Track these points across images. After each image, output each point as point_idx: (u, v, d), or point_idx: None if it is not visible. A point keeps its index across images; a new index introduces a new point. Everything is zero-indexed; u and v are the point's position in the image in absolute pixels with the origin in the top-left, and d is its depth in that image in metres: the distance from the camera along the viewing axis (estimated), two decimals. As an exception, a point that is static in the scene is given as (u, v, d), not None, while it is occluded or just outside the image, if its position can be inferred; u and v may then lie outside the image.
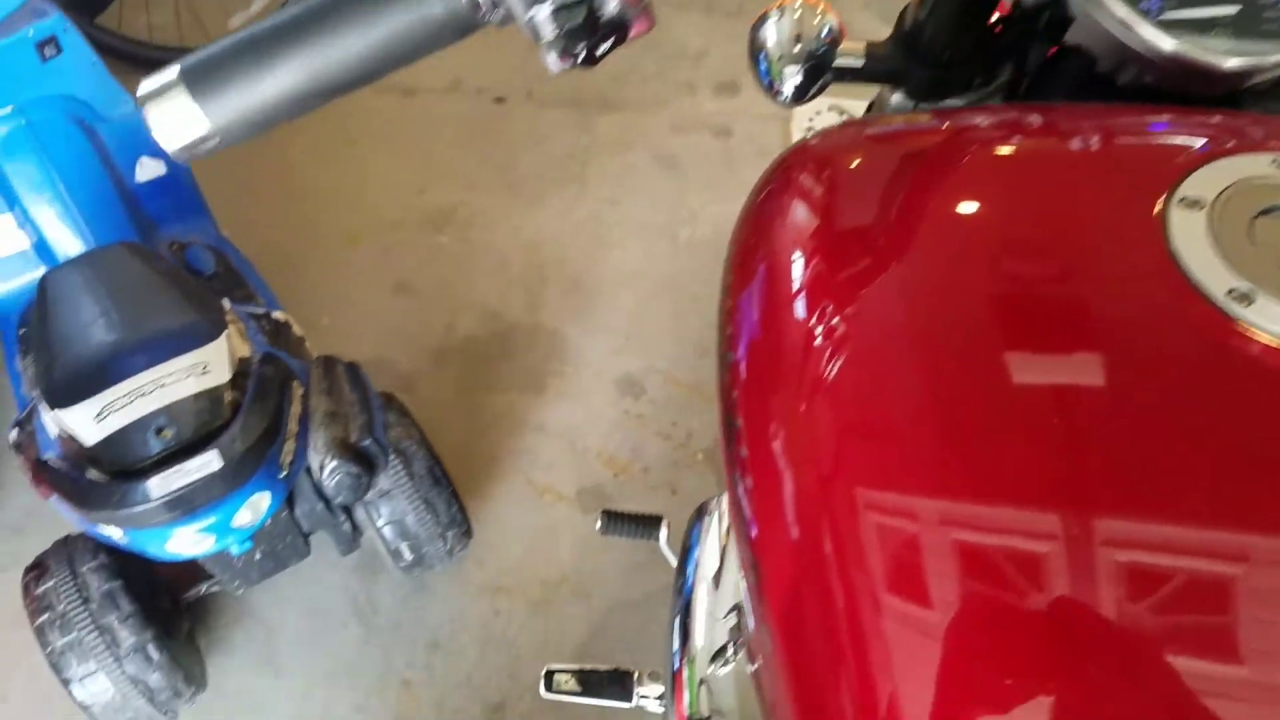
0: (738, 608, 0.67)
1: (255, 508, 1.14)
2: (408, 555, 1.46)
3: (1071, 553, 0.42)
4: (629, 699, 1.12)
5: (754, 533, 0.52)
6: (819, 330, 0.53)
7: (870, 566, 0.44)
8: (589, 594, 1.59)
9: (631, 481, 1.71)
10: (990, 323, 0.50)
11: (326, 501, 1.43)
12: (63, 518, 1.21)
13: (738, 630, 0.67)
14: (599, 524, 1.11)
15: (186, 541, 1.12)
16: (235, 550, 1.20)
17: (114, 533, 1.13)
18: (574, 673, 1.16)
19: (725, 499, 0.81)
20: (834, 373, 0.51)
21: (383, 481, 1.40)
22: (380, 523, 1.42)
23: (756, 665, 0.65)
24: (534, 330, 1.87)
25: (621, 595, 1.59)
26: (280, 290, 1.56)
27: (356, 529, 1.49)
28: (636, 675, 1.13)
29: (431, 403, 1.77)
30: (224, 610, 1.59)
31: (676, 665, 0.71)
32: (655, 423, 1.75)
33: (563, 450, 1.73)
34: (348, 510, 1.46)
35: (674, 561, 1.08)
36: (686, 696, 0.68)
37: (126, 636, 1.29)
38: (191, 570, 1.49)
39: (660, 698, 1.13)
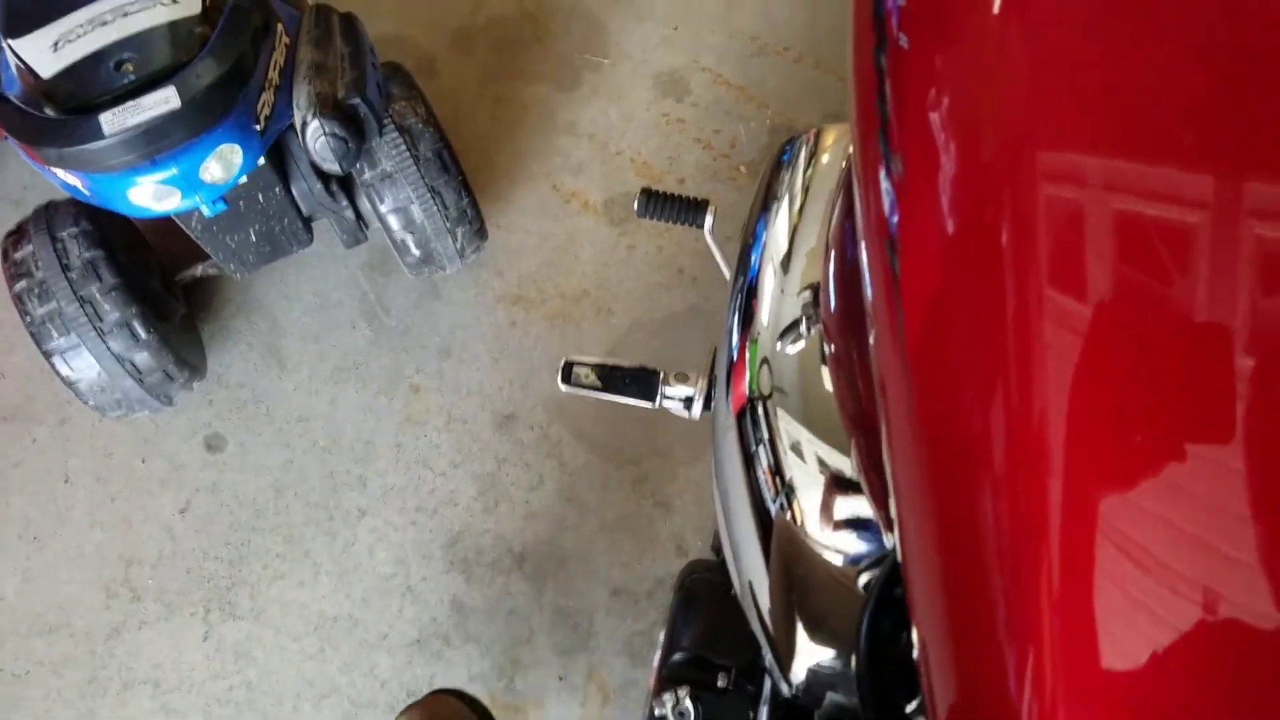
0: (813, 287, 0.57)
1: (225, 161, 0.99)
2: (414, 250, 1.33)
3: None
4: (653, 399, 1.02)
5: (899, 215, 0.41)
6: None
7: (1060, 250, 0.35)
8: (610, 310, 1.46)
9: (669, 194, 1.53)
10: None
11: (326, 182, 1.28)
12: (42, 176, 1.08)
13: (813, 307, 0.57)
14: (636, 205, 0.96)
15: (150, 194, 0.98)
16: (207, 211, 1.06)
17: (75, 181, 0.99)
18: (595, 367, 1.04)
19: (793, 181, 0.66)
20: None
21: (384, 163, 1.24)
22: (383, 209, 1.27)
23: (834, 348, 0.53)
24: (570, 13, 1.64)
25: (643, 314, 1.46)
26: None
27: (361, 218, 1.35)
28: (663, 375, 1.02)
29: (454, 91, 1.58)
30: (228, 301, 1.49)
31: (736, 347, 0.60)
32: (696, 128, 1.55)
33: (593, 154, 1.55)
34: (350, 195, 1.32)
35: (717, 251, 0.94)
36: (747, 375, 0.58)
37: (110, 310, 1.19)
38: (186, 251, 1.38)
39: (686, 400, 1.03)
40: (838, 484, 0.53)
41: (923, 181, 0.40)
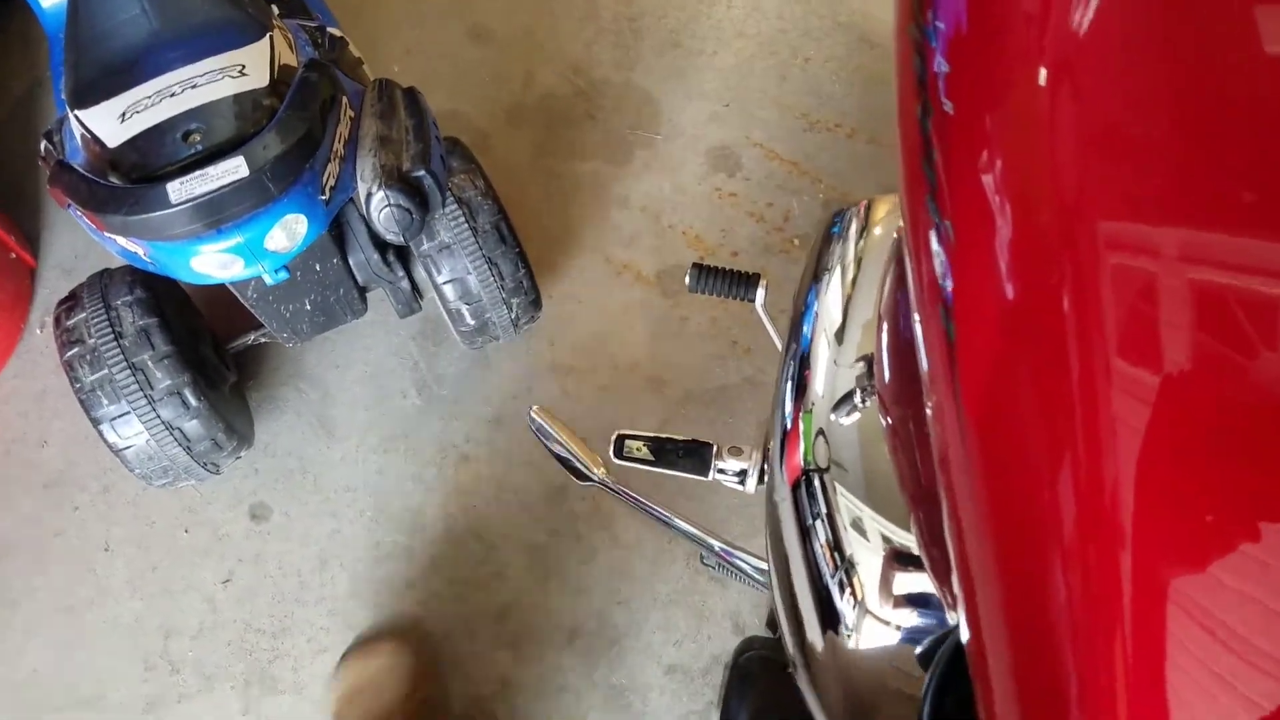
0: (867, 359, 0.56)
1: (290, 231, 0.99)
2: (469, 320, 1.32)
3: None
4: (705, 472, 1.01)
5: (952, 280, 0.41)
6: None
7: (1121, 326, 0.33)
8: (662, 382, 1.45)
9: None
10: None
11: (383, 252, 1.28)
12: (98, 243, 1.08)
13: (867, 379, 0.56)
14: (688, 279, 0.96)
15: (213, 262, 0.98)
16: (269, 279, 1.06)
17: (137, 249, 0.99)
18: (647, 440, 1.05)
19: (844, 252, 0.66)
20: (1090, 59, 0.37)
21: (443, 234, 1.24)
22: (440, 280, 1.27)
23: (890, 420, 0.53)
24: (622, 90, 1.65)
25: (696, 386, 1.44)
26: (348, 34, 1.37)
27: (416, 288, 1.35)
28: (716, 448, 1.02)
29: (506, 165, 1.59)
30: (278, 369, 1.49)
31: (789, 418, 0.59)
32: (749, 202, 1.55)
33: (646, 226, 1.55)
34: (406, 265, 1.32)
35: (769, 325, 0.94)
36: (802, 447, 0.57)
37: (161, 378, 1.19)
38: (238, 319, 1.38)
39: (739, 474, 1.01)
40: (899, 559, 0.51)
41: (976, 247, 0.39)
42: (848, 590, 0.52)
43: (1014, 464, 0.37)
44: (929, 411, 0.44)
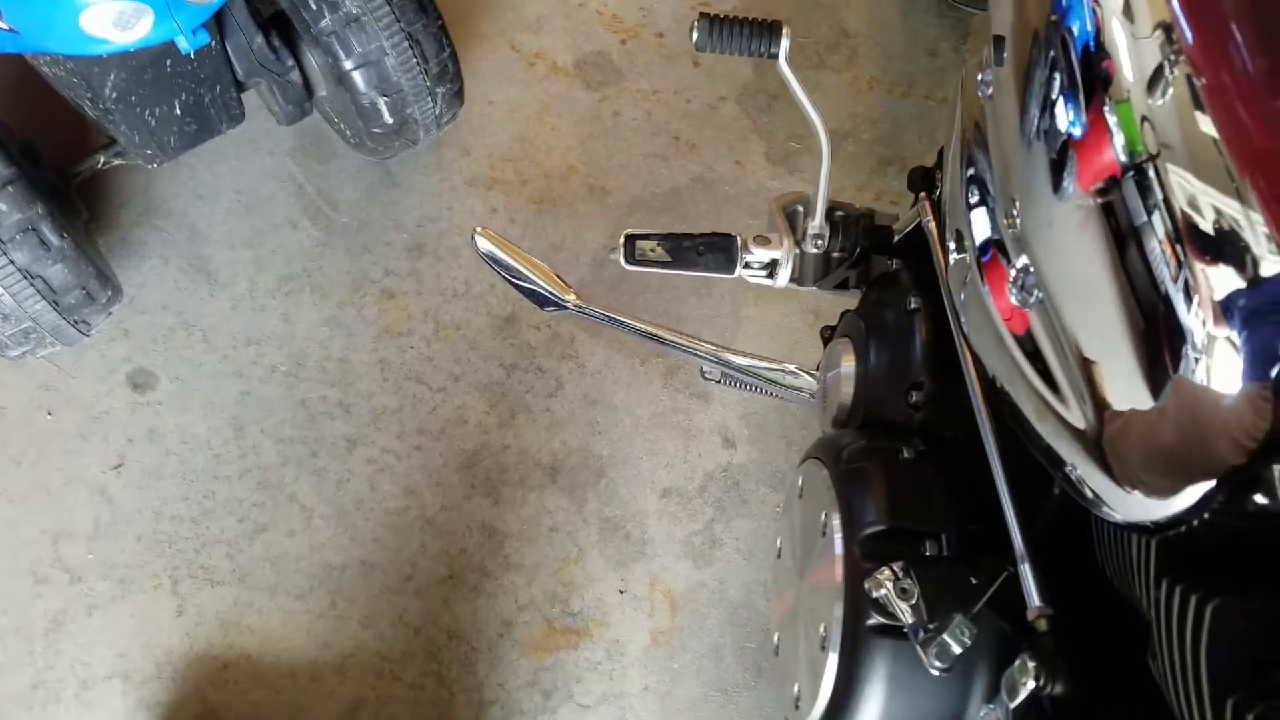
0: (1163, 25, 0.46)
1: (209, -25, 0.74)
2: (387, 118, 1.09)
3: None
4: (731, 269, 0.91)
5: None
6: None
7: None
8: (603, 189, 1.28)
9: (644, 50, 1.35)
10: None
11: (268, 35, 1.02)
12: None
13: (1169, 45, 0.46)
14: (695, 34, 0.81)
15: (109, 17, 0.71)
16: (185, 44, 0.80)
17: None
18: (661, 239, 0.92)
19: None
20: None
21: (349, 4, 1.00)
22: (348, 65, 1.03)
23: (1205, 80, 0.44)
24: None
25: (643, 190, 1.28)
26: None
27: (308, 82, 1.10)
28: (740, 240, 0.90)
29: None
30: (125, 205, 1.20)
31: (1082, 123, 0.50)
32: (672, -24, 1.37)
33: (552, 5, 1.34)
34: (295, 52, 1.06)
35: (795, 84, 0.83)
36: (1119, 140, 0.47)
37: (8, 210, 0.90)
38: (70, 139, 1.08)
39: (769, 265, 0.91)
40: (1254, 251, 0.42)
41: None
42: (1195, 296, 0.43)
43: None
44: None
